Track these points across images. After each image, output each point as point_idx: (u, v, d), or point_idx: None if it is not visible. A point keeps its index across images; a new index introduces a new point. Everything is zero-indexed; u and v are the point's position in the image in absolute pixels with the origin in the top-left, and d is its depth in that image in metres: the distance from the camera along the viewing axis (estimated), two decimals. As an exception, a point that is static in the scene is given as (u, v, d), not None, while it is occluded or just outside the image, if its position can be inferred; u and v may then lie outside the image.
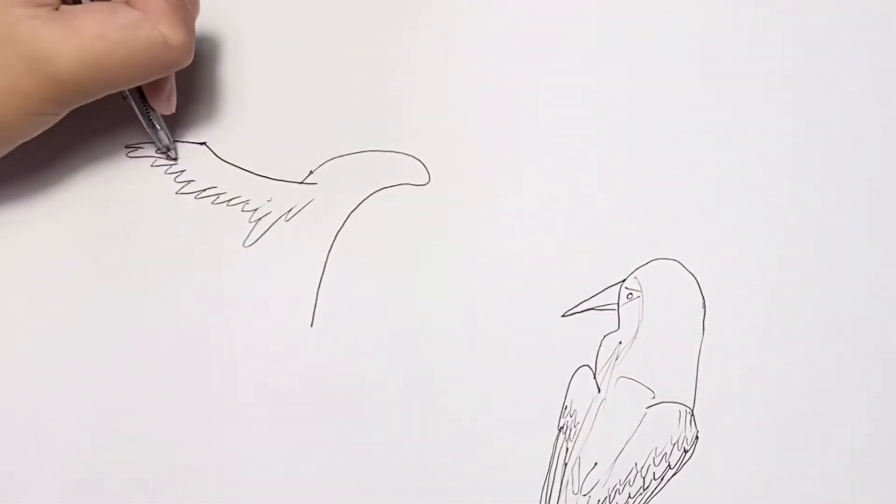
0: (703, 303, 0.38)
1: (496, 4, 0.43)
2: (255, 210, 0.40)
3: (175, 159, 0.40)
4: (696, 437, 0.37)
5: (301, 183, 0.40)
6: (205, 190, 0.40)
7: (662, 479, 0.37)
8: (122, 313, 0.39)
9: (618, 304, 0.39)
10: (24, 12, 0.32)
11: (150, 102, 0.37)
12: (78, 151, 0.40)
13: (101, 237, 0.39)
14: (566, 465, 0.37)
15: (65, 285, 0.39)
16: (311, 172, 0.40)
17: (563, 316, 0.39)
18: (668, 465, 0.37)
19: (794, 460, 0.37)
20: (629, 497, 0.37)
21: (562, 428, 0.37)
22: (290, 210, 0.40)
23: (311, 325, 0.38)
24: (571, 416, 0.37)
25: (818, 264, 0.39)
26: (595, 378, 0.38)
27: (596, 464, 0.37)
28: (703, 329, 0.38)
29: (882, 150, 0.41)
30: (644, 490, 0.37)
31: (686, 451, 0.37)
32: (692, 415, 0.37)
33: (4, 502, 0.37)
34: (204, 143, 0.41)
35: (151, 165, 0.40)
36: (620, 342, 0.38)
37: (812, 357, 0.38)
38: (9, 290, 0.38)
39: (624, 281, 0.39)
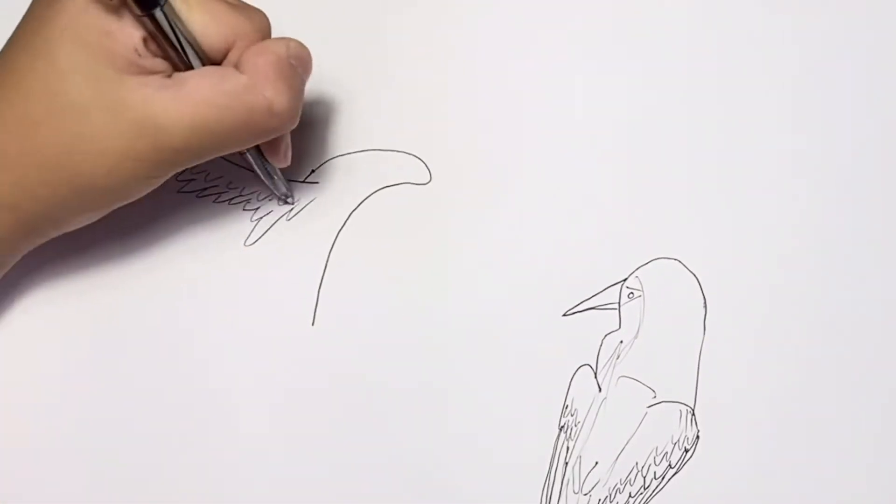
0: (704, 302, 0.38)
1: (498, 4, 0.43)
2: (257, 209, 0.40)
3: (292, 204, 0.40)
4: (697, 437, 0.37)
5: (302, 182, 0.40)
6: (206, 189, 0.40)
7: (663, 478, 0.37)
8: (123, 312, 0.39)
9: (619, 303, 0.39)
10: (135, 80, 0.32)
11: (267, 157, 0.38)
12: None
13: (101, 236, 0.39)
14: (567, 464, 0.37)
15: (64, 285, 0.39)
16: (312, 171, 0.41)
17: (564, 315, 0.39)
18: (669, 465, 0.37)
19: (795, 460, 0.37)
20: (630, 496, 0.37)
21: (562, 427, 0.37)
22: (292, 209, 0.40)
23: (313, 325, 0.39)
24: (572, 416, 0.37)
25: (819, 264, 0.39)
26: (596, 377, 0.38)
27: (597, 463, 0.37)
28: (704, 328, 0.38)
29: (884, 150, 0.40)
30: (645, 489, 0.37)
31: (687, 451, 0.37)
32: (693, 414, 0.37)
33: (4, 502, 0.37)
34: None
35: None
36: (621, 341, 0.38)
37: (813, 356, 0.38)
38: (8, 290, 0.38)
39: (625, 280, 0.39)
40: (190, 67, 0.33)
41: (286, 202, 0.40)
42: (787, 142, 0.41)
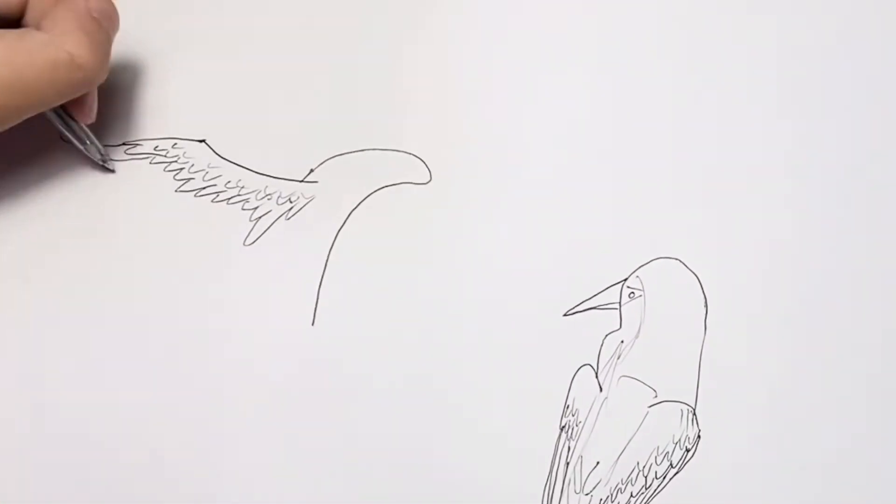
0: (705, 302, 0.39)
1: (498, 4, 0.43)
2: (256, 208, 0.40)
3: (112, 171, 0.39)
4: (698, 436, 0.37)
5: (302, 181, 0.40)
6: (204, 188, 0.40)
7: (664, 477, 0.37)
8: (122, 312, 0.38)
9: (619, 303, 0.39)
10: None
11: (74, 115, 0.37)
12: (79, 151, 0.39)
13: (101, 236, 0.39)
14: (568, 464, 0.37)
15: (64, 285, 0.38)
16: (311, 171, 0.40)
17: (564, 315, 0.39)
18: (671, 464, 0.37)
19: (796, 459, 0.37)
20: (631, 496, 0.37)
21: (564, 427, 0.37)
22: (291, 208, 0.40)
23: (313, 324, 0.38)
24: (573, 416, 0.37)
25: (820, 263, 0.39)
26: (597, 377, 0.38)
27: (598, 463, 0.37)
28: (705, 328, 0.38)
29: (883, 150, 0.41)
30: (646, 489, 0.37)
31: (688, 450, 0.37)
32: (694, 414, 0.37)
33: (4, 502, 0.36)
34: (203, 141, 0.41)
35: (150, 163, 0.40)
36: (622, 341, 0.38)
37: (814, 356, 0.38)
38: (8, 291, 0.38)
39: (626, 280, 0.39)
40: None
41: (105, 168, 0.39)
42: (788, 141, 0.41)
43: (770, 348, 0.38)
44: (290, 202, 0.40)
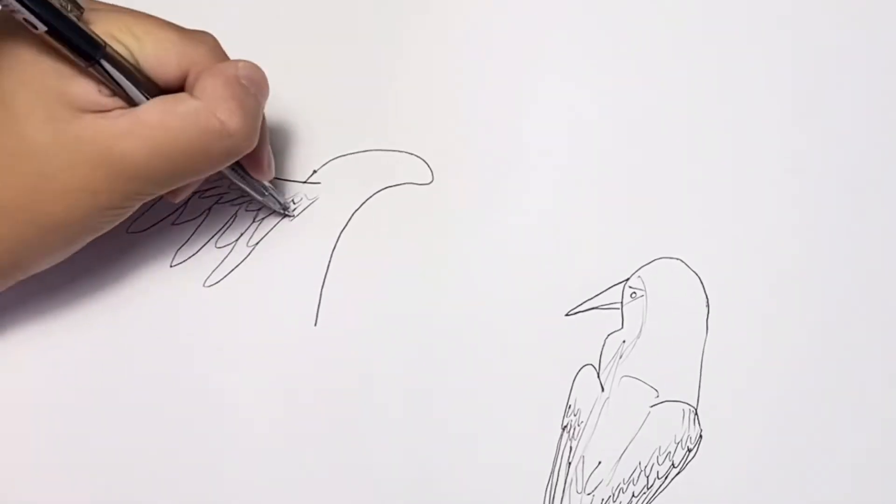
0: (707, 302, 0.39)
1: (500, 6, 0.43)
2: (259, 209, 0.40)
3: (293, 216, 0.40)
4: (700, 436, 0.37)
5: (304, 182, 0.40)
6: (208, 189, 0.40)
7: (666, 477, 0.37)
8: (122, 313, 0.39)
9: (621, 303, 0.39)
10: (92, 116, 0.32)
11: (251, 173, 0.37)
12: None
13: (102, 236, 0.39)
14: (570, 464, 0.37)
15: (64, 285, 0.39)
16: (314, 171, 0.40)
17: (566, 315, 0.39)
18: (672, 464, 0.37)
19: (798, 459, 0.37)
20: (633, 496, 0.37)
21: (565, 427, 0.37)
22: (294, 208, 0.40)
23: (315, 325, 0.38)
24: (575, 416, 0.37)
25: (821, 263, 0.39)
26: (599, 377, 0.38)
27: (600, 463, 0.37)
28: (707, 328, 0.38)
29: (886, 150, 0.41)
30: (648, 489, 0.37)
31: (690, 450, 0.37)
32: (696, 414, 0.37)
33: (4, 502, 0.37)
34: (207, 143, 0.41)
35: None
36: (624, 341, 0.38)
37: (815, 356, 0.38)
38: (9, 296, 0.38)
39: (627, 280, 0.39)
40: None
41: (286, 214, 0.40)
42: (790, 142, 0.41)
43: (772, 348, 0.38)
44: (293, 203, 0.40)
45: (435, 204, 0.40)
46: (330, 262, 0.39)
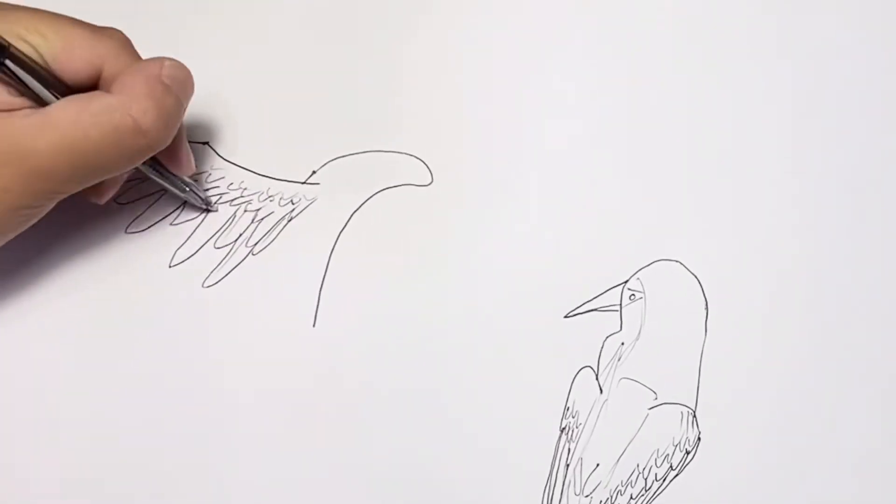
0: (706, 304, 0.39)
1: (501, 7, 0.43)
2: (258, 210, 0.40)
3: (216, 211, 0.40)
4: (698, 439, 0.37)
5: (304, 183, 0.40)
6: (207, 190, 0.40)
7: (664, 480, 0.37)
8: (122, 313, 0.39)
9: (620, 305, 0.39)
10: (2, 114, 0.32)
11: (170, 168, 0.37)
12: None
13: (101, 236, 0.39)
14: (568, 466, 0.37)
15: (64, 285, 0.39)
16: (313, 172, 0.40)
17: (565, 317, 0.39)
18: (671, 466, 0.37)
19: (797, 461, 0.37)
20: (631, 498, 0.37)
21: (564, 429, 0.37)
22: (293, 210, 0.40)
23: (314, 326, 0.38)
24: (573, 417, 0.37)
25: (820, 265, 0.39)
26: (597, 379, 0.38)
27: (598, 465, 0.37)
28: (706, 330, 0.38)
29: (886, 150, 0.41)
30: (646, 491, 0.37)
31: (688, 453, 0.37)
32: (694, 416, 0.37)
33: (4, 502, 0.37)
34: (206, 143, 0.41)
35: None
36: (623, 343, 0.38)
37: (814, 358, 0.38)
38: (9, 289, 0.38)
39: (626, 282, 0.39)
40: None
41: (209, 210, 0.40)
42: (790, 143, 0.41)
43: (770, 351, 0.38)
44: (293, 204, 0.40)
45: (434, 205, 0.40)
46: (329, 262, 0.39)
